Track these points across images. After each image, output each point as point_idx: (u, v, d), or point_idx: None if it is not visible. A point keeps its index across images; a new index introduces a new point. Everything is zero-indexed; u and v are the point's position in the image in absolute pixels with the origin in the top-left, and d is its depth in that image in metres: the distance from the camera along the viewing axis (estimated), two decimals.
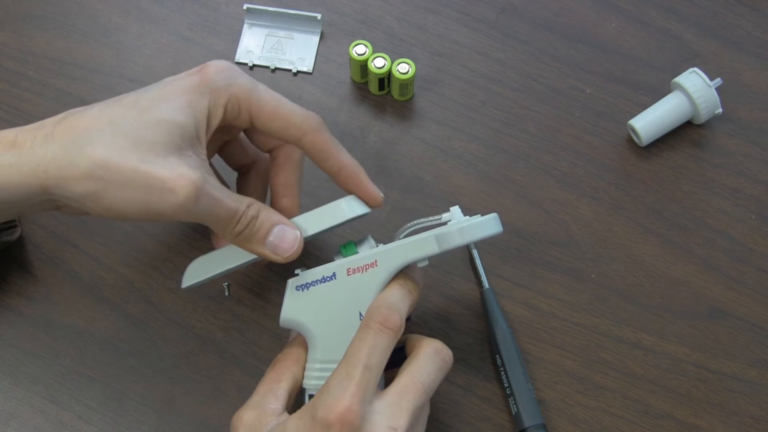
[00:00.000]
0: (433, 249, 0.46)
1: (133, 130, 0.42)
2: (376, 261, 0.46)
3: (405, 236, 0.48)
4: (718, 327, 0.55)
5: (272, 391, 0.45)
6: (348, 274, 0.47)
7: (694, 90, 0.58)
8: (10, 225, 0.54)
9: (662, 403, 0.53)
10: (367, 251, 0.47)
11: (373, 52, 0.59)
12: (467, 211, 0.58)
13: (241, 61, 0.62)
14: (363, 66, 0.60)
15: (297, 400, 0.47)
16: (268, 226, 0.46)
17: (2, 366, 0.54)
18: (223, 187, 0.45)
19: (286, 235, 0.47)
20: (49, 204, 0.46)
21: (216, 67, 0.46)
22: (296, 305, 0.47)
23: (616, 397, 0.53)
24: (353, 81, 0.62)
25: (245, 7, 0.63)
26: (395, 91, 0.61)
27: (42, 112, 0.60)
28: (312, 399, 0.43)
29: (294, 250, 0.47)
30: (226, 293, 0.56)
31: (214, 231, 0.47)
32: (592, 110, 0.61)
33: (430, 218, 0.48)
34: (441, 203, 0.58)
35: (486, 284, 0.55)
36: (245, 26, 0.64)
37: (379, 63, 0.59)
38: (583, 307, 0.56)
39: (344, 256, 0.48)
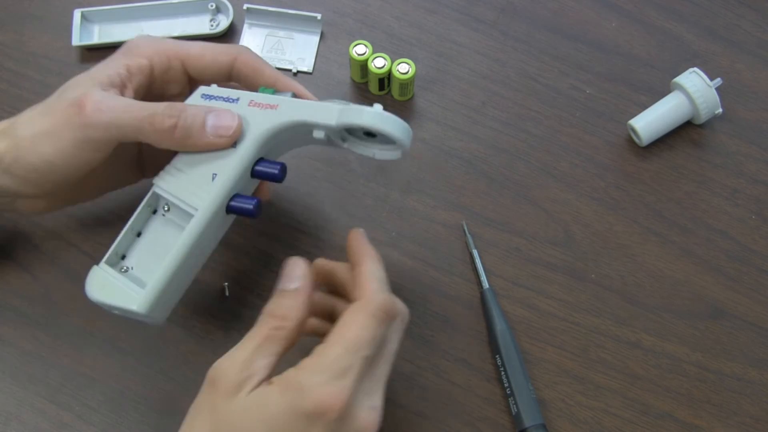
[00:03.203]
0: (331, 118, 0.46)
1: (52, 100, 0.47)
2: (278, 105, 0.47)
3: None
4: (718, 327, 0.55)
5: (264, 352, 0.42)
6: (249, 105, 0.48)
7: (694, 90, 0.58)
8: None
9: (662, 403, 0.53)
10: (279, 96, 0.48)
11: (373, 52, 0.59)
12: (468, 214, 0.58)
13: None
14: (363, 66, 0.60)
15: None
16: (201, 114, 0.47)
17: (2, 366, 0.54)
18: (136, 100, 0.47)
19: (222, 115, 0.47)
20: None
21: (137, 37, 0.50)
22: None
23: (616, 397, 0.53)
24: (353, 81, 0.62)
25: (245, 7, 0.63)
26: (395, 91, 0.61)
27: None
28: (297, 374, 0.41)
29: (236, 124, 0.47)
30: (226, 293, 0.56)
31: (157, 143, 0.47)
32: (592, 110, 0.61)
33: (350, 102, 0.48)
34: (441, 203, 0.58)
35: (486, 284, 0.55)
36: (245, 26, 0.64)
37: (379, 63, 0.59)
38: (583, 307, 0.56)
39: (259, 92, 0.49)
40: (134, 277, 0.47)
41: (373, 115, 0.46)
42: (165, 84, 0.50)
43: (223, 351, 0.54)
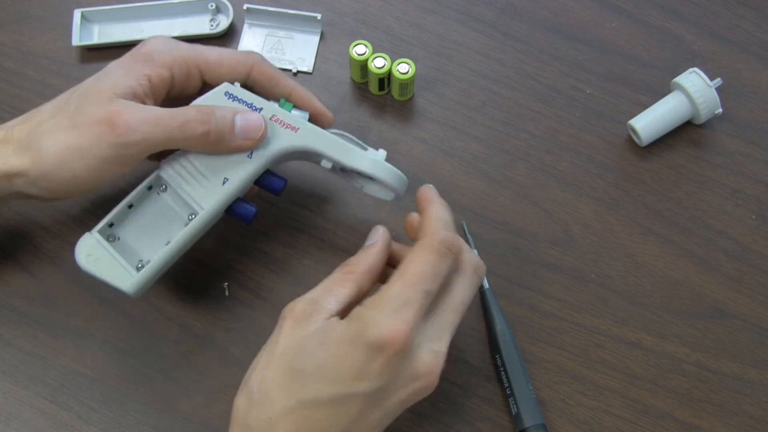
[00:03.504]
0: (343, 156, 0.50)
1: (73, 112, 0.46)
2: (299, 128, 0.49)
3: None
4: (718, 327, 0.55)
5: (333, 292, 0.44)
6: (271, 119, 0.49)
7: (694, 90, 0.58)
8: None
9: (662, 403, 0.53)
10: (299, 117, 0.50)
11: (373, 52, 0.59)
12: (468, 214, 0.58)
13: None
14: (363, 66, 0.60)
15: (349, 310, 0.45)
16: (229, 117, 0.48)
17: (2, 366, 0.54)
18: (165, 108, 0.47)
19: (249, 119, 0.48)
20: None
21: (154, 41, 0.49)
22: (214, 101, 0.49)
23: (616, 397, 0.53)
24: (353, 81, 0.62)
25: (245, 7, 0.63)
26: (395, 91, 0.61)
27: None
28: (362, 310, 0.42)
29: (263, 128, 0.48)
30: (226, 293, 0.56)
31: (188, 148, 0.48)
32: (592, 110, 0.61)
33: (358, 140, 0.51)
34: None
35: (486, 284, 0.55)
36: (245, 26, 0.64)
37: (379, 63, 0.59)
38: (583, 307, 0.56)
39: (280, 107, 0.50)
40: (121, 248, 0.49)
41: (387, 171, 0.50)
42: (182, 90, 0.50)
43: (223, 351, 0.54)
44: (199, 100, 0.49)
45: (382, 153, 0.51)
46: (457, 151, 0.60)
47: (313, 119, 0.52)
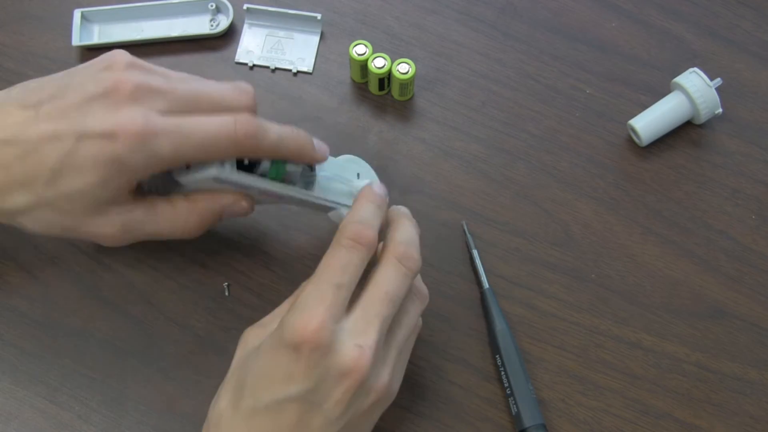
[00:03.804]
0: (328, 216, 0.51)
1: (54, 200, 0.44)
2: (282, 197, 0.49)
3: (319, 179, 0.50)
4: (718, 327, 0.55)
5: (282, 314, 0.45)
6: (259, 194, 0.49)
7: (694, 90, 0.58)
8: None
9: (662, 403, 0.53)
10: (288, 185, 0.48)
11: (373, 52, 0.59)
12: (469, 214, 0.58)
13: (241, 61, 0.62)
14: (363, 66, 0.60)
15: None
16: (216, 219, 0.48)
17: (2, 366, 0.54)
18: (150, 212, 0.46)
19: (235, 212, 0.48)
20: None
21: (128, 132, 0.42)
22: (202, 183, 0.46)
23: (616, 397, 0.53)
24: (353, 81, 0.62)
25: (245, 7, 0.63)
26: (395, 91, 0.61)
27: None
28: (284, 317, 0.42)
29: (249, 213, 0.49)
30: (226, 293, 0.56)
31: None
32: (592, 110, 0.61)
33: (348, 179, 0.51)
34: (441, 203, 0.58)
35: (486, 284, 0.55)
36: (245, 26, 0.64)
37: (379, 63, 0.59)
38: (583, 307, 0.56)
39: (270, 178, 0.47)
40: None
41: None
42: None
43: (223, 351, 0.54)
44: (187, 185, 0.47)
45: (365, 182, 0.50)
46: (457, 151, 0.60)
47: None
